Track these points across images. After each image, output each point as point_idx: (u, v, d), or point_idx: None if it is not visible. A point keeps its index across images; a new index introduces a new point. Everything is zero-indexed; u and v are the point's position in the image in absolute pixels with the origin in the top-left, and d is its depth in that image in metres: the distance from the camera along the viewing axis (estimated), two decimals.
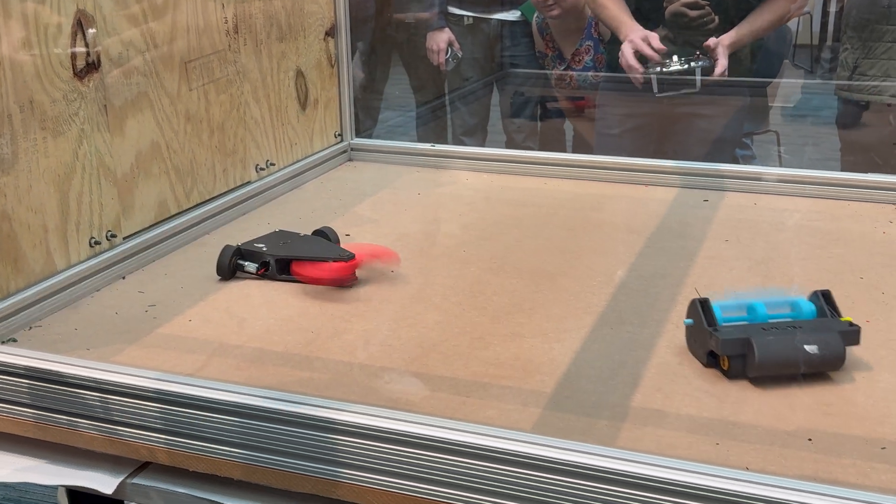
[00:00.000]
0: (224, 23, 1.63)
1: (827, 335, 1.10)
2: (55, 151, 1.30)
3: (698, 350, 1.14)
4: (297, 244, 1.45)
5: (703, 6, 2.25)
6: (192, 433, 1.00)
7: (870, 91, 2.58)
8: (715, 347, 1.10)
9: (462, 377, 1.11)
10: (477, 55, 3.27)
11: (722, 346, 1.09)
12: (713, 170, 1.84)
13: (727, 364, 1.10)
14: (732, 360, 1.09)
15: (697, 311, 1.14)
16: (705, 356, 1.13)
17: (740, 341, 1.09)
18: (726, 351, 1.09)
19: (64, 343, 1.22)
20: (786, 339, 1.10)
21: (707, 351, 1.12)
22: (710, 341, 1.11)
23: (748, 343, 1.08)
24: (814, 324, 1.13)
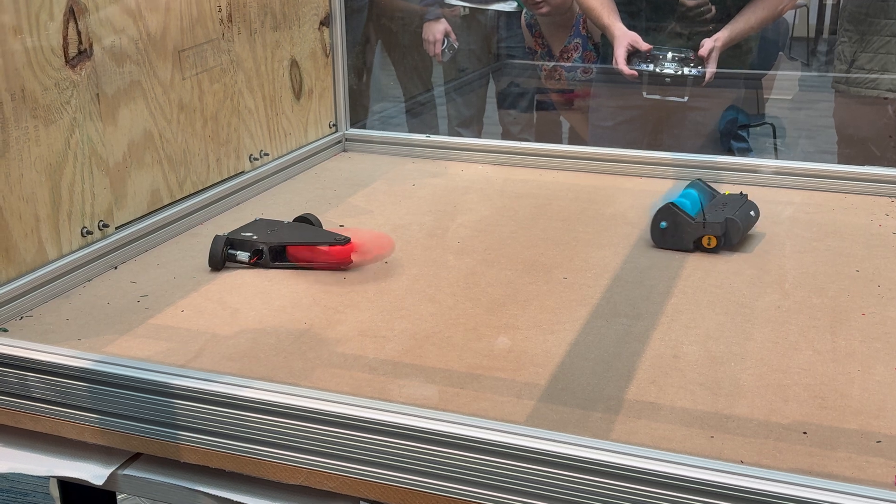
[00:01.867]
0: (218, 11, 1.62)
1: (749, 204, 1.50)
2: (47, 140, 1.29)
3: (679, 242, 1.43)
4: (285, 231, 1.45)
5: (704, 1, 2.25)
6: (183, 424, 0.99)
7: (867, 84, 2.57)
8: (711, 232, 1.42)
9: (456, 369, 1.11)
10: (473, 46, 3.26)
11: (714, 229, 1.42)
12: (708, 161, 1.83)
13: (714, 242, 1.42)
14: (719, 238, 1.42)
15: (673, 213, 1.43)
16: (691, 244, 1.43)
17: (724, 222, 1.42)
18: (717, 232, 1.42)
19: (55, 333, 1.21)
20: (740, 211, 1.46)
21: (695, 239, 1.43)
22: (700, 230, 1.42)
23: (731, 221, 1.42)
24: (725, 198, 1.51)
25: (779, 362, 1.11)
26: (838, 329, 1.19)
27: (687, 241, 1.43)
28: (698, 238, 1.43)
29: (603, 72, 2.61)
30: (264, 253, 1.41)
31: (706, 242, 1.42)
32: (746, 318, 1.23)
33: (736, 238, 1.43)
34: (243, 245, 1.42)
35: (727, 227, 1.43)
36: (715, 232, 1.42)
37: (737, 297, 1.30)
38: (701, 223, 1.42)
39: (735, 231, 1.43)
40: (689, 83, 2.26)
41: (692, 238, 1.43)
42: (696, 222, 1.43)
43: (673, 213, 1.44)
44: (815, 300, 1.28)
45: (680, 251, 1.44)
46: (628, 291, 1.32)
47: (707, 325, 1.21)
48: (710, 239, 1.42)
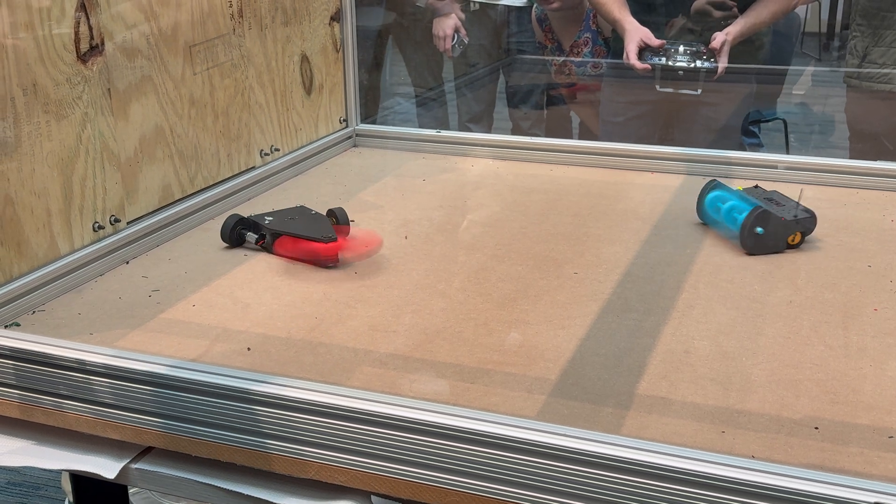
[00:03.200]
0: (228, 6, 1.62)
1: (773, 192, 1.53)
2: (58, 135, 1.30)
3: (775, 245, 1.43)
4: (299, 221, 1.46)
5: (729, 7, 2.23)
6: (194, 418, 0.99)
7: (879, 79, 2.56)
8: (800, 229, 1.43)
9: (466, 364, 1.11)
10: (483, 41, 3.25)
11: (804, 225, 1.44)
12: (719, 156, 1.83)
13: (799, 238, 1.44)
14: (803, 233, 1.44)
15: (767, 216, 1.42)
16: (784, 245, 1.43)
17: (809, 217, 1.45)
18: (808, 227, 1.45)
19: (67, 328, 1.21)
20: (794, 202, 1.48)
21: (785, 239, 1.43)
22: (795, 227, 1.43)
23: (811, 213, 1.45)
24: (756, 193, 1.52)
25: (790, 357, 1.11)
26: (850, 324, 1.19)
27: (780, 242, 1.43)
28: (788, 236, 1.44)
29: (613, 66, 2.60)
30: (267, 238, 1.44)
31: (792, 240, 1.44)
32: (758, 313, 1.23)
33: (813, 229, 1.46)
34: (254, 227, 1.46)
35: (814, 221, 1.45)
36: (805, 228, 1.44)
37: (748, 292, 1.29)
38: (794, 221, 1.43)
39: (815, 222, 1.45)
40: (701, 76, 2.25)
41: (785, 237, 1.44)
42: (790, 220, 1.43)
43: (768, 216, 1.42)
44: (826, 295, 1.28)
45: (774, 253, 1.43)
46: (639, 287, 1.32)
47: (718, 321, 1.21)
48: (796, 236, 1.44)
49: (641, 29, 2.28)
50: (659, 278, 1.34)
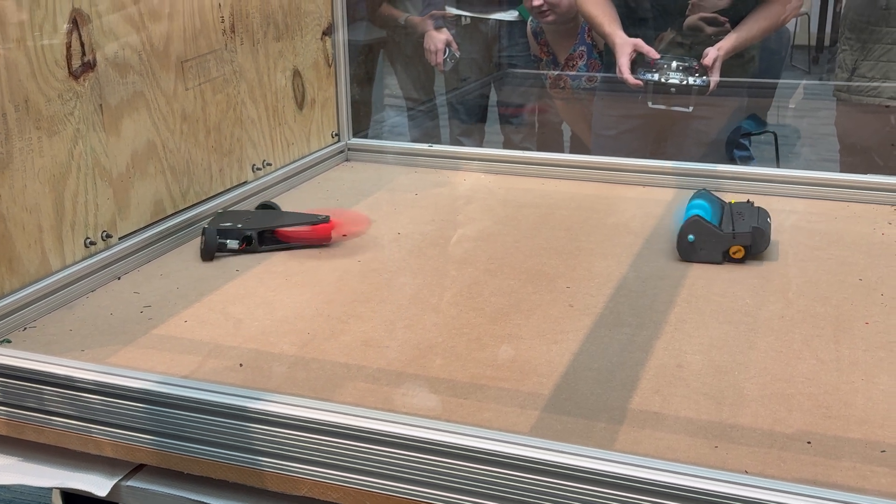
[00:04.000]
0: (220, 22, 1.62)
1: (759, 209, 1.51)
2: (50, 151, 1.29)
3: (708, 255, 1.42)
4: (263, 217, 1.57)
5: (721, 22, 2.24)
6: (186, 435, 0.99)
7: (868, 92, 2.58)
8: (741, 242, 1.41)
9: (459, 379, 1.11)
10: (475, 55, 3.26)
11: (743, 239, 1.42)
12: (710, 170, 1.84)
13: (742, 252, 1.42)
14: (746, 248, 1.42)
15: (701, 225, 1.42)
16: (720, 256, 1.42)
17: (752, 231, 1.42)
18: (746, 242, 1.42)
19: (58, 344, 1.21)
20: (759, 216, 1.47)
21: (724, 251, 1.42)
22: (730, 242, 1.42)
23: (758, 230, 1.43)
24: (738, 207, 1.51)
25: (782, 371, 1.11)
26: (842, 338, 1.19)
27: (716, 253, 1.43)
28: (727, 249, 1.43)
29: (606, 80, 2.61)
30: (253, 239, 1.50)
31: (733, 253, 1.42)
32: (750, 327, 1.23)
33: (763, 246, 1.44)
34: (232, 234, 1.51)
35: (755, 237, 1.43)
36: (744, 242, 1.42)
37: (740, 306, 1.30)
38: (730, 234, 1.42)
39: (762, 240, 1.43)
40: (693, 92, 2.26)
41: (721, 249, 1.43)
42: (726, 233, 1.42)
43: (701, 225, 1.42)
44: (818, 309, 1.28)
45: (709, 263, 1.43)
46: (632, 301, 1.32)
47: (710, 335, 1.21)
48: (738, 249, 1.42)
49: (632, 40, 2.29)
50: (651, 292, 1.35)
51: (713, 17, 2.24)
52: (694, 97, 2.29)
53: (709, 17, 2.24)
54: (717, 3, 2.25)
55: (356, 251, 1.52)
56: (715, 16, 2.24)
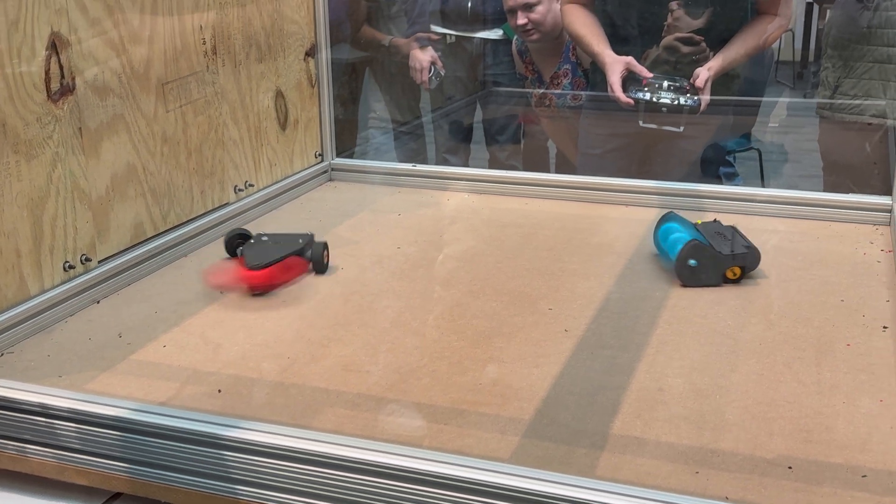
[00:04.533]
0: (202, 44, 1.62)
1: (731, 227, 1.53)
2: (28, 175, 1.28)
3: (709, 278, 1.42)
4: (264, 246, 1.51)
5: (697, 42, 2.25)
6: (163, 463, 0.98)
7: (851, 110, 2.59)
8: (740, 263, 1.43)
9: (440, 404, 1.10)
10: (460, 74, 3.27)
11: (742, 259, 1.43)
12: (694, 190, 1.84)
13: (739, 272, 1.43)
14: (743, 268, 1.43)
15: (702, 249, 1.42)
16: (720, 278, 1.43)
17: (747, 252, 1.44)
18: (744, 263, 1.43)
19: (36, 370, 1.20)
20: (739, 235, 1.49)
21: (722, 273, 1.43)
22: (731, 262, 1.43)
23: (753, 249, 1.44)
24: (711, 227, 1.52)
25: (764, 395, 1.11)
26: (823, 360, 1.19)
27: (718, 276, 1.43)
28: (725, 271, 1.43)
29: (593, 99, 2.61)
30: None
31: (731, 274, 1.43)
32: (731, 349, 1.23)
33: (755, 265, 1.45)
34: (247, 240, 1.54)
35: (752, 256, 1.44)
36: (742, 263, 1.43)
37: (721, 327, 1.29)
38: (730, 255, 1.43)
39: (755, 259, 1.44)
40: (684, 112, 2.26)
41: (721, 272, 1.43)
42: (726, 255, 1.43)
43: (703, 249, 1.42)
44: (800, 330, 1.28)
45: (709, 286, 1.42)
46: (614, 322, 1.32)
47: (692, 357, 1.21)
48: (735, 270, 1.43)
49: (623, 58, 2.29)
50: (633, 314, 1.34)
51: (689, 36, 2.25)
52: (685, 117, 2.29)
53: (684, 36, 2.25)
54: (692, 23, 2.26)
55: (338, 273, 1.51)
56: (691, 35, 2.25)
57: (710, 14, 2.22)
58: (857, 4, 2.58)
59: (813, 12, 5.73)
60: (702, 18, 2.25)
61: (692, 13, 2.25)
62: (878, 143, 2.54)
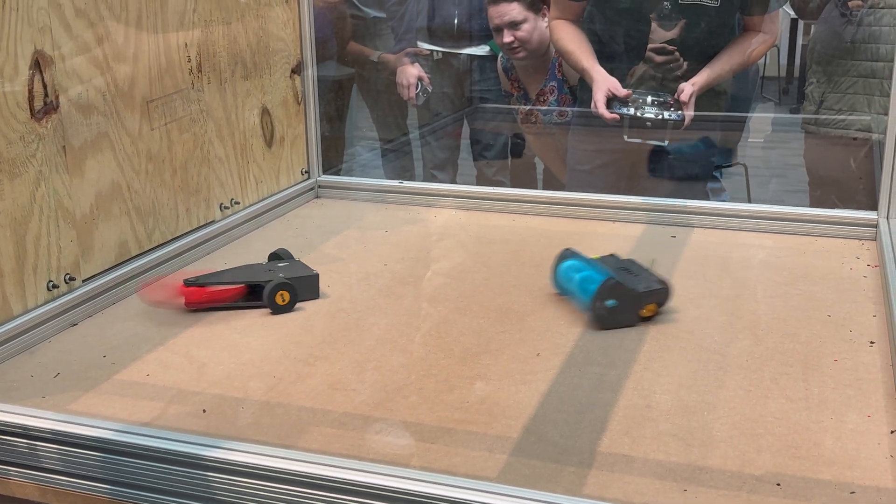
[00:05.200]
0: (187, 61, 1.62)
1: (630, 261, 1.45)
2: (11, 194, 1.27)
3: (627, 318, 1.34)
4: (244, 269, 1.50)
5: (670, 51, 2.26)
6: (145, 485, 0.97)
7: (836, 125, 2.60)
8: (657, 300, 1.35)
9: (427, 422, 1.09)
10: (447, 90, 3.27)
11: (656, 296, 1.35)
12: (680, 206, 1.84)
13: (654, 309, 1.35)
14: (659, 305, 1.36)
15: (619, 287, 1.33)
16: (636, 318, 1.34)
17: (661, 288, 1.36)
18: (659, 299, 1.36)
19: (18, 391, 1.18)
20: (647, 269, 1.41)
21: (638, 311, 1.34)
22: (647, 300, 1.34)
23: (665, 285, 1.37)
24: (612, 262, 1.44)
25: (751, 411, 1.10)
26: (811, 376, 1.19)
27: (633, 315, 1.34)
28: (641, 309, 1.35)
29: (581, 115, 2.62)
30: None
31: (646, 312, 1.35)
32: (718, 365, 1.22)
33: (668, 300, 1.37)
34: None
35: (669, 291, 1.37)
36: (658, 299, 1.35)
37: (709, 343, 1.29)
38: (646, 293, 1.34)
39: (668, 295, 1.37)
40: (668, 127, 2.27)
41: (637, 310, 1.35)
42: (642, 293, 1.34)
43: (620, 288, 1.33)
44: (787, 346, 1.28)
45: (626, 326, 1.33)
46: (601, 339, 1.31)
47: (679, 373, 1.20)
48: (651, 308, 1.35)
49: (609, 79, 2.30)
50: (620, 330, 1.34)
51: (661, 46, 2.26)
52: (669, 132, 2.30)
53: (657, 47, 2.26)
54: (665, 35, 2.28)
55: (325, 290, 1.50)
56: (663, 45, 2.26)
57: (684, 26, 2.23)
58: (841, 19, 2.60)
59: (798, 28, 5.77)
60: (674, 30, 2.26)
61: (664, 25, 2.26)
62: (863, 157, 2.56)
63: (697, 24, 2.23)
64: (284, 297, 1.43)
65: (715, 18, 2.22)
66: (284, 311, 1.42)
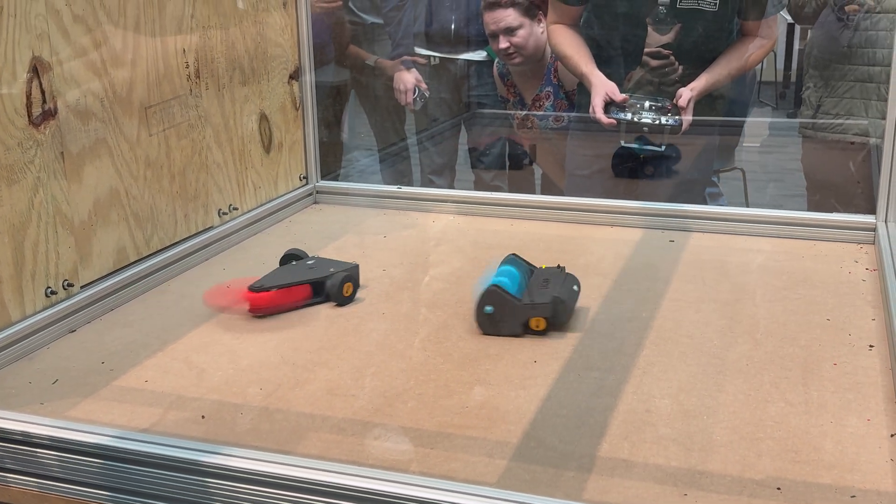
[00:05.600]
0: (185, 67, 1.62)
1: (569, 278, 1.40)
2: (9, 200, 1.27)
3: (508, 327, 1.32)
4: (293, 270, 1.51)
5: (665, 55, 2.26)
6: (145, 491, 0.96)
7: (833, 129, 2.61)
8: (539, 314, 1.31)
9: (427, 428, 1.09)
10: (444, 95, 3.27)
11: (543, 310, 1.31)
12: (679, 210, 1.84)
13: (543, 325, 1.32)
14: (547, 320, 1.32)
15: (499, 296, 1.31)
16: (520, 328, 1.32)
17: (552, 302, 1.31)
18: (546, 313, 1.32)
19: (17, 397, 1.18)
20: (564, 288, 1.36)
21: (523, 322, 1.32)
22: (529, 313, 1.31)
23: (558, 300, 1.32)
24: (545, 273, 1.40)
25: (751, 415, 1.10)
26: (810, 380, 1.19)
27: (516, 326, 1.32)
28: (526, 321, 1.33)
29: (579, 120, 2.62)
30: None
31: (535, 325, 1.32)
32: (718, 369, 1.22)
33: (564, 317, 1.34)
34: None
35: (555, 308, 1.32)
36: (544, 314, 1.32)
37: (708, 347, 1.29)
38: (529, 305, 1.31)
39: (563, 310, 1.33)
40: (666, 132, 2.27)
41: (521, 321, 1.32)
42: (524, 304, 1.31)
43: (498, 295, 1.31)
44: (786, 350, 1.28)
45: (510, 336, 1.32)
46: (601, 344, 1.31)
47: (679, 378, 1.20)
48: (538, 321, 1.32)
49: (608, 83, 2.30)
50: (619, 335, 1.34)
51: (656, 50, 2.27)
52: (666, 136, 2.30)
53: (652, 51, 2.27)
54: (661, 39, 2.28)
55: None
56: (658, 49, 2.26)
57: (679, 30, 2.23)
58: (838, 24, 2.60)
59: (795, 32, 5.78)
60: (670, 34, 2.26)
61: (660, 29, 2.26)
62: (861, 161, 2.56)
63: (694, 29, 2.23)
64: (349, 289, 1.48)
65: (712, 23, 2.22)
66: (348, 301, 1.47)
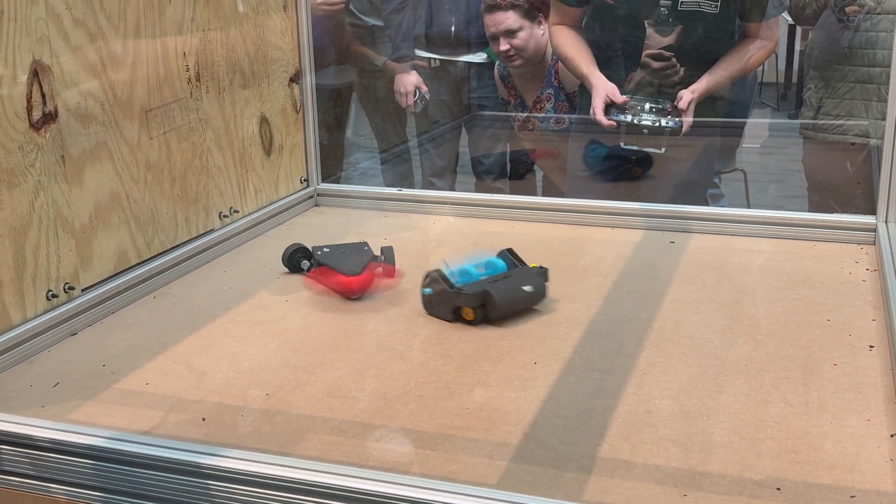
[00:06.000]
0: (185, 71, 1.62)
1: (532, 278, 1.42)
2: (10, 204, 1.28)
3: (442, 311, 1.38)
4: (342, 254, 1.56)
5: (666, 57, 2.26)
6: (147, 494, 0.96)
7: (834, 130, 2.61)
8: (464, 303, 1.35)
9: (427, 429, 1.09)
10: (444, 97, 3.28)
11: (468, 300, 1.35)
12: (679, 212, 1.84)
13: (472, 315, 1.36)
14: (476, 310, 1.36)
15: (437, 280, 1.38)
16: (450, 314, 1.37)
17: (481, 294, 1.36)
18: (471, 304, 1.35)
19: (18, 401, 1.18)
20: (510, 285, 1.40)
21: (453, 309, 1.37)
22: (457, 300, 1.36)
23: (487, 293, 1.35)
24: (517, 272, 1.44)
25: (751, 416, 1.10)
26: (810, 380, 1.19)
27: (446, 310, 1.38)
28: (457, 308, 1.37)
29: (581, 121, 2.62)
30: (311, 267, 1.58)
31: (465, 314, 1.37)
32: (718, 370, 1.22)
33: (494, 313, 1.36)
34: (310, 256, 1.59)
35: (484, 300, 1.36)
36: (470, 304, 1.36)
37: (708, 348, 1.29)
38: (457, 293, 1.36)
39: (492, 305, 1.36)
40: (666, 134, 2.27)
41: (450, 307, 1.37)
42: (453, 292, 1.37)
43: (436, 279, 1.39)
44: (786, 350, 1.28)
45: (444, 320, 1.38)
46: (601, 345, 1.31)
47: (679, 378, 1.20)
48: (467, 311, 1.36)
49: (608, 85, 2.30)
50: (619, 336, 1.34)
51: (658, 52, 2.27)
52: (666, 138, 2.30)
53: (654, 53, 2.27)
54: (662, 41, 2.28)
55: (324, 297, 1.51)
56: (660, 51, 2.26)
57: (681, 32, 2.23)
58: (839, 25, 2.60)
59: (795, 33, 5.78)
60: (671, 36, 2.26)
61: (661, 31, 2.26)
62: (861, 162, 2.56)
63: (695, 30, 2.23)
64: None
65: (713, 24, 2.22)
66: None
